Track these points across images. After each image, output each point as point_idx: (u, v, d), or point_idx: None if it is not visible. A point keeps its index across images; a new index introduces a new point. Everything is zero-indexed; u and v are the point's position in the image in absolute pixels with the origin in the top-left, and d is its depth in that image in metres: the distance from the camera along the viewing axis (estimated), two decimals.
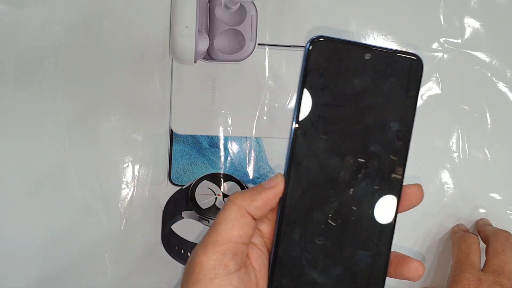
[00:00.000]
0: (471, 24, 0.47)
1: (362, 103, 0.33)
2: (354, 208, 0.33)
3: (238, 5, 0.45)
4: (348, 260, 0.34)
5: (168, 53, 0.46)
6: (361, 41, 0.33)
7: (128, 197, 0.48)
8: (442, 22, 0.47)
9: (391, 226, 0.34)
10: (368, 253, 0.34)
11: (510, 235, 0.45)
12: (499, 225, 0.48)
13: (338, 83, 0.32)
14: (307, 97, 0.32)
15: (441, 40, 0.48)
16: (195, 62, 0.43)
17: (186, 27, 0.42)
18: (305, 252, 0.34)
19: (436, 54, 0.48)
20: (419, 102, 0.48)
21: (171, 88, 0.47)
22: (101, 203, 0.48)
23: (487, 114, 0.49)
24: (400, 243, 0.50)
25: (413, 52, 0.33)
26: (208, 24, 0.45)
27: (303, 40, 0.47)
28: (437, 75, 0.48)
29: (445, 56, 0.48)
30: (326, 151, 0.33)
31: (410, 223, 0.50)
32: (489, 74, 0.48)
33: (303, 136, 0.33)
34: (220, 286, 0.31)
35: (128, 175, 0.48)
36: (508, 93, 0.48)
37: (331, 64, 0.32)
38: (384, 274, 0.34)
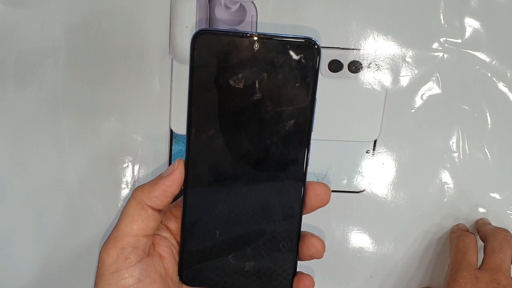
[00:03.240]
0: (471, 24, 0.47)
1: (255, 95, 0.31)
2: (255, 201, 0.33)
3: (238, 5, 0.45)
4: (255, 252, 0.34)
5: (168, 53, 0.46)
6: (246, 31, 0.32)
7: (128, 197, 0.48)
8: (442, 22, 0.47)
9: (297, 220, 0.34)
10: (273, 244, 0.34)
11: (508, 233, 0.46)
12: (499, 225, 0.48)
13: (227, 77, 0.31)
14: (197, 93, 0.32)
15: (441, 40, 0.47)
16: None
17: (186, 27, 0.41)
18: (212, 239, 0.34)
19: (436, 54, 0.48)
20: (419, 102, 0.48)
21: (171, 88, 0.47)
22: (101, 203, 0.48)
23: (487, 114, 0.49)
24: (399, 243, 0.50)
25: (306, 36, 0.31)
26: (208, 24, 0.45)
27: None
28: (437, 75, 0.48)
29: (445, 56, 0.48)
30: (222, 144, 0.32)
31: (410, 222, 0.50)
32: (489, 74, 0.48)
33: (196, 131, 0.32)
34: (120, 279, 0.32)
35: (128, 175, 0.48)
36: (508, 93, 0.48)
37: (218, 58, 0.31)
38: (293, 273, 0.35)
